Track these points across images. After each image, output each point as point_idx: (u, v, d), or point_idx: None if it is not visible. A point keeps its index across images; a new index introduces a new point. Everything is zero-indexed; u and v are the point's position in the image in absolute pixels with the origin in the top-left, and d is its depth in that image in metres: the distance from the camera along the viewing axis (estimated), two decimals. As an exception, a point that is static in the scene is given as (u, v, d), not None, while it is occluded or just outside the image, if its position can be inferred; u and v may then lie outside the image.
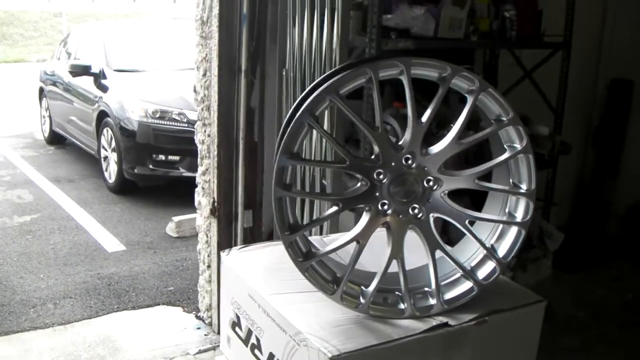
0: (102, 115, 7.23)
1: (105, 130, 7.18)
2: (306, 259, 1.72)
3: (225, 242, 3.73)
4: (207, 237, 3.80)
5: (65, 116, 8.62)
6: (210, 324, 3.96)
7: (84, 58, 8.14)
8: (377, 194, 1.71)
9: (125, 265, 5.13)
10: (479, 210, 1.89)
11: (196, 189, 3.87)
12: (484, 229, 1.85)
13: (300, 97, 1.85)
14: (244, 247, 2.12)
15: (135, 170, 6.78)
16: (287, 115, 1.88)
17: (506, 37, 4.07)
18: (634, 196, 5.46)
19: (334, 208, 1.72)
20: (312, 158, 2.98)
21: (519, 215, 1.80)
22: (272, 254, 2.05)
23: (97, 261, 5.21)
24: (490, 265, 1.80)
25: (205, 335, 3.90)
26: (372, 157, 1.71)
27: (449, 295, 1.79)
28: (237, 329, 1.98)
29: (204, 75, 3.59)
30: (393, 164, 1.70)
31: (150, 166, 6.71)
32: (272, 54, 3.55)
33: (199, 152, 3.78)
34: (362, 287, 1.78)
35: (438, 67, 1.66)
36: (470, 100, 1.69)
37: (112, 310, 4.32)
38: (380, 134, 1.67)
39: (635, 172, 5.49)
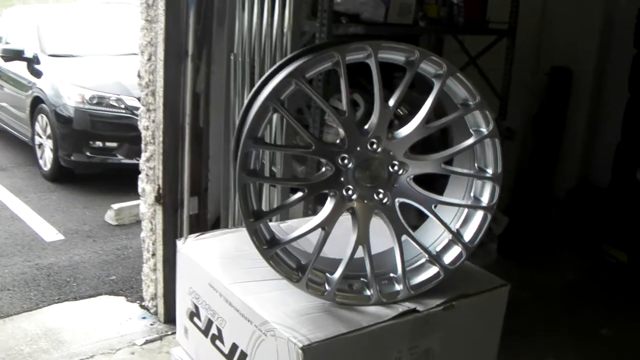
0: (37, 101, 7.01)
1: (40, 117, 6.96)
2: (270, 246, 1.68)
3: (171, 229, 3.65)
4: (152, 224, 3.71)
5: (-5, 102, 8.31)
6: (155, 313, 3.88)
7: (16, 42, 7.86)
8: (342, 179, 1.68)
9: (64, 254, 4.98)
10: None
11: (139, 176, 3.78)
12: (447, 213, 1.83)
13: (261, 80, 1.80)
14: (200, 234, 2.05)
15: (72, 158, 6.60)
16: (247, 100, 1.83)
17: (453, 23, 4.09)
18: (572, 181, 5.58)
19: (299, 194, 1.68)
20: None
21: (485, 200, 1.79)
22: (231, 242, 2.00)
23: (34, 251, 5.05)
24: (456, 250, 1.79)
25: (151, 324, 3.82)
26: (338, 141, 1.67)
27: (415, 280, 1.77)
28: (195, 319, 1.92)
29: (149, 59, 3.50)
30: (358, 148, 1.66)
31: (88, 153, 6.55)
32: (220, 38, 3.48)
33: (142, 138, 3.69)
34: (327, 274, 1.74)
35: (406, 51, 1.63)
36: (437, 84, 1.66)
37: (53, 301, 4.19)
38: (347, 119, 1.63)
39: (574, 158, 5.61)
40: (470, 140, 1.74)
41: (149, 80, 3.53)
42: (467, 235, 1.80)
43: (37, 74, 7.13)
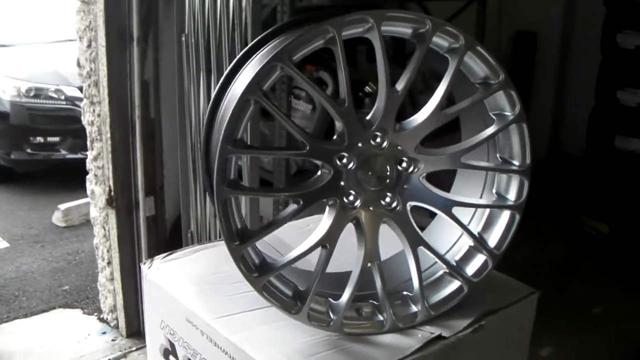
0: (-32, 96, 6.50)
1: (-27, 113, 6.46)
2: (262, 273, 1.36)
3: (127, 234, 3.30)
4: (105, 230, 3.34)
5: None
6: (116, 327, 3.52)
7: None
8: (343, 183, 1.37)
9: (10, 265, 4.57)
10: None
11: (87, 177, 3.40)
12: (461, 216, 1.53)
13: (231, 65, 1.49)
14: (168, 254, 1.71)
15: (12, 156, 6.12)
16: (215, 91, 1.51)
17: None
18: (542, 151, 5.36)
19: (293, 206, 1.36)
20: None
21: (512, 197, 1.49)
22: (206, 262, 1.67)
23: (-24, 263, 4.63)
24: (480, 258, 1.49)
25: (112, 340, 3.46)
26: (335, 137, 1.35)
27: (433, 298, 1.48)
28: (171, 357, 1.60)
29: (89, 46, 3.11)
30: (360, 144, 1.35)
31: (28, 150, 6.09)
32: (167, 17, 3.11)
33: (88, 134, 3.30)
34: (330, 300, 1.44)
35: (415, 21, 1.31)
36: (453, 61, 1.35)
37: (1, 320, 3.79)
38: (346, 110, 1.31)
39: (543, 126, 5.38)
40: (493, 128, 1.43)
41: (90, 70, 3.15)
42: (492, 240, 1.50)
43: (-32, 67, 6.60)
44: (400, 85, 1.34)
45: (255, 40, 1.49)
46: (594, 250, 4.59)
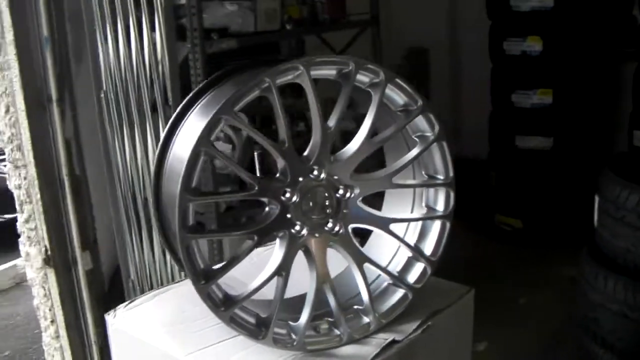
0: None
1: None
2: (228, 307, 1.48)
3: (67, 290, 3.31)
4: (45, 289, 3.36)
5: None
6: (66, 384, 3.53)
7: None
8: (289, 215, 1.51)
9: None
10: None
11: (20, 239, 3.41)
12: (397, 230, 1.70)
13: (172, 120, 1.61)
14: (130, 302, 1.81)
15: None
16: (160, 145, 1.63)
17: (318, 21, 3.99)
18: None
19: (249, 242, 1.49)
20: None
21: (441, 208, 1.67)
22: (169, 303, 1.78)
23: None
24: (419, 266, 1.66)
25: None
26: (278, 175, 1.50)
27: (382, 308, 1.63)
28: (146, 400, 1.70)
29: (7, 111, 3.14)
30: (301, 178, 1.50)
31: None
32: (80, 76, 3.19)
33: (16, 198, 3.32)
34: (290, 322, 1.57)
35: (339, 63, 1.48)
36: (376, 94, 1.52)
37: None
38: (288, 149, 1.46)
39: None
40: (418, 148, 1.61)
41: (12, 134, 3.17)
42: (428, 248, 1.68)
43: None
44: (332, 122, 1.50)
45: (190, 95, 1.62)
46: (511, 245, 4.86)
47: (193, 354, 1.54)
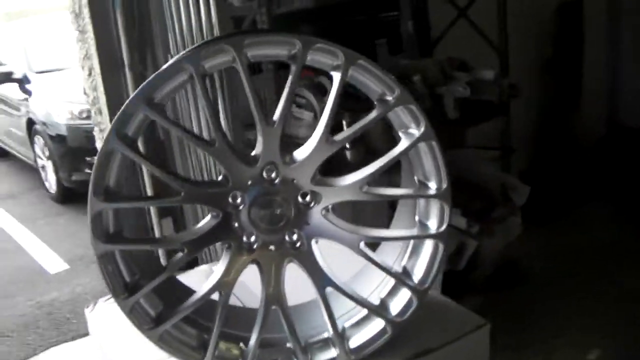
0: (31, 122, 6.71)
1: (36, 138, 6.67)
2: (157, 324, 1.28)
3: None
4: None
5: (3, 127, 8.00)
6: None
7: (8, 63, 7.51)
8: (235, 224, 1.27)
9: (67, 287, 4.65)
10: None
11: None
12: (390, 246, 1.40)
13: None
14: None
15: (73, 177, 6.25)
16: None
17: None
18: (600, 127, 5.05)
19: (179, 255, 1.27)
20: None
21: (433, 225, 1.34)
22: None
23: (37, 287, 4.70)
24: (405, 293, 1.35)
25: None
26: (219, 179, 1.26)
27: (355, 340, 1.35)
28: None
29: (90, 74, 3.10)
30: (249, 182, 1.25)
31: (87, 170, 6.09)
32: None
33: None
34: (242, 345, 1.34)
35: (283, 43, 1.20)
36: (336, 78, 1.23)
37: (50, 344, 3.85)
38: (219, 149, 1.22)
39: (598, 102, 5.07)
40: (400, 147, 1.29)
41: (94, 98, 3.14)
42: (417, 273, 1.35)
43: (28, 93, 6.80)
44: (275, 115, 1.22)
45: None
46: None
47: None
